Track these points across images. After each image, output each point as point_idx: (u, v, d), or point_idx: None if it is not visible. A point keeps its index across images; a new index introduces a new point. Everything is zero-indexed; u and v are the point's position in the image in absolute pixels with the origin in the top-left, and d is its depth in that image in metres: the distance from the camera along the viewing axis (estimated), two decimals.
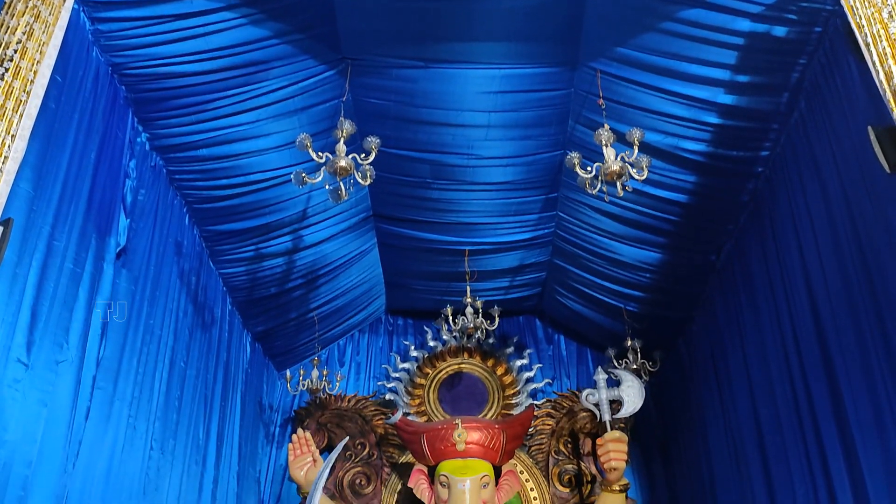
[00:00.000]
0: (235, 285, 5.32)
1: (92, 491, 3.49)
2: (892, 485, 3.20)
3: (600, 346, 6.15)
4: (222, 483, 5.04)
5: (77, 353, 3.36)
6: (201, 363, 4.79)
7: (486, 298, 5.58)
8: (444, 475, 4.86)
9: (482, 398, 5.99)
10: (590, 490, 5.53)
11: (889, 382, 3.25)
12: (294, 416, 6.08)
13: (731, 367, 4.90)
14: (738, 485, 4.79)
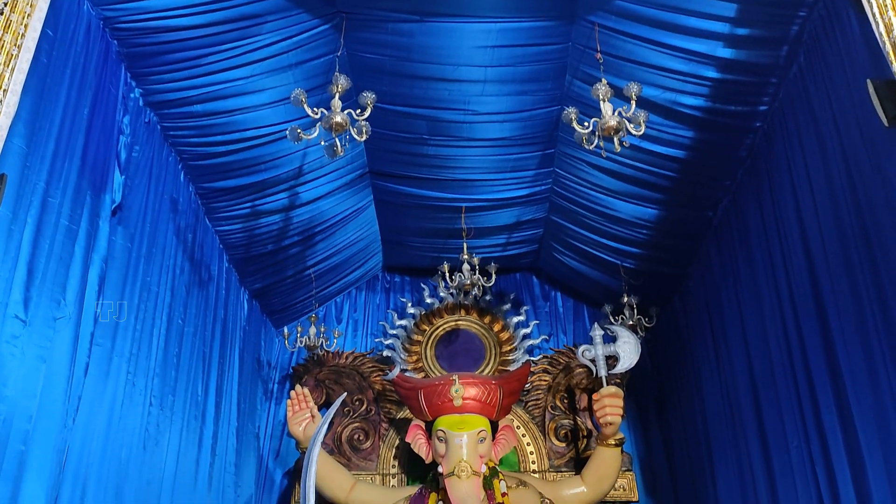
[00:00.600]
0: (232, 243, 5.31)
1: (92, 445, 3.53)
2: (883, 436, 3.24)
3: (597, 302, 6.17)
4: (222, 438, 5.09)
5: (74, 309, 3.36)
6: (199, 320, 4.81)
7: (482, 255, 5.58)
8: (442, 430, 4.90)
9: (479, 354, 6.03)
10: (586, 444, 5.60)
11: (883, 335, 3.28)
12: (292, 373, 6.12)
13: (727, 322, 4.93)
14: (732, 438, 4.85)
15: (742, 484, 4.66)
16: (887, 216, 3.21)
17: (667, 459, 6.04)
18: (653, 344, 6.24)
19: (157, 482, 4.15)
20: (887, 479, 3.21)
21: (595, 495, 5.16)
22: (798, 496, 3.95)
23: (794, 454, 4.00)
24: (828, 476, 3.66)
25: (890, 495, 3.19)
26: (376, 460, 5.64)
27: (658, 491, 5.97)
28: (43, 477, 3.12)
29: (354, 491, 5.14)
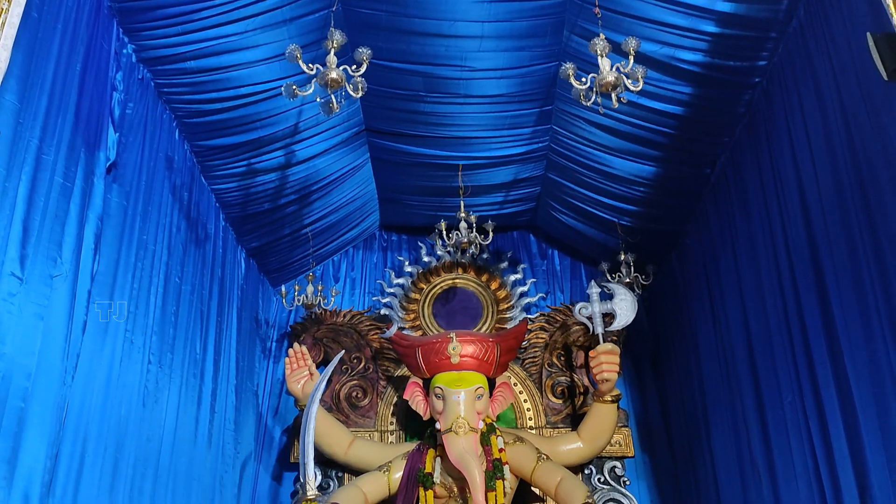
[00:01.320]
0: (228, 201, 5.29)
1: (92, 402, 3.55)
2: (876, 391, 3.27)
3: (594, 260, 6.18)
4: (221, 396, 5.12)
5: (71, 267, 3.36)
6: (196, 279, 4.81)
7: (480, 213, 5.57)
8: (439, 387, 4.94)
9: (476, 312, 6.05)
10: (582, 401, 5.64)
11: (879, 292, 3.29)
12: (290, 332, 6.14)
13: (724, 279, 4.94)
14: (727, 393, 4.88)
15: (737, 438, 4.71)
16: (884, 171, 3.20)
17: (662, 415, 6.10)
18: (649, 301, 6.26)
19: (157, 439, 4.19)
20: (881, 434, 3.25)
21: (591, 451, 5.23)
22: (792, 450, 3.99)
23: (788, 409, 4.04)
24: (821, 431, 3.70)
25: (882, 448, 3.23)
26: (374, 417, 5.69)
27: (653, 446, 6.04)
28: (43, 433, 3.14)
29: (353, 447, 5.21)
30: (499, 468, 4.80)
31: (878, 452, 3.24)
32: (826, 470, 3.66)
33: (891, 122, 3.11)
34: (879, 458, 3.24)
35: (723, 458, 4.96)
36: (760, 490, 4.37)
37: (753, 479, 4.47)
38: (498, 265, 6.20)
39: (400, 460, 5.03)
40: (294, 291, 5.78)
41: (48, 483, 3.18)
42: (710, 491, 5.16)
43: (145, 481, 4.00)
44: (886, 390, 3.19)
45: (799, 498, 3.92)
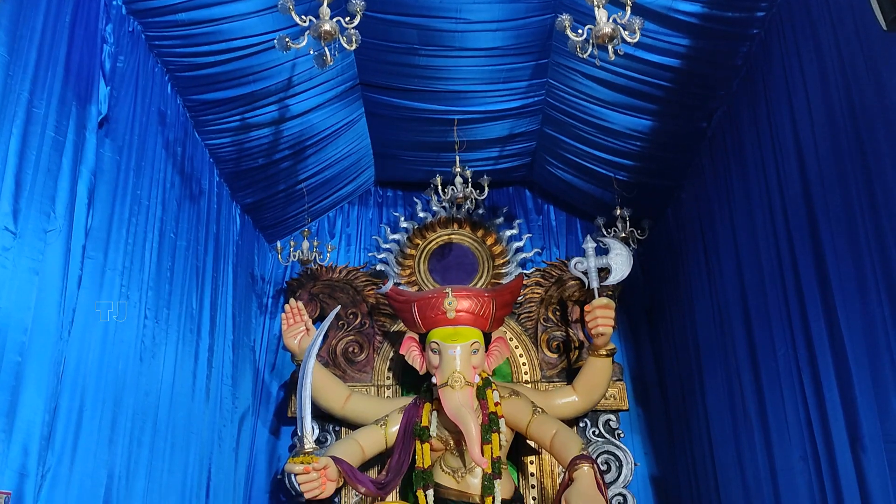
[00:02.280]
0: (222, 156, 5.26)
1: (89, 357, 3.57)
2: (870, 344, 3.30)
3: (590, 215, 6.17)
4: (218, 351, 5.14)
5: (65, 222, 3.35)
6: (191, 234, 4.80)
7: (475, 168, 5.54)
8: (435, 342, 4.96)
9: (472, 268, 6.05)
10: (577, 355, 5.68)
11: (873, 244, 3.30)
12: (286, 288, 6.15)
13: (719, 233, 4.95)
14: (721, 347, 4.92)
15: (730, 391, 4.76)
16: (881, 122, 3.19)
17: (657, 369, 6.16)
18: (645, 256, 6.27)
19: (155, 393, 4.22)
20: (872, 385, 3.28)
21: (586, 404, 5.28)
22: (784, 402, 4.04)
23: (781, 361, 4.08)
24: (814, 382, 3.74)
25: (874, 399, 3.27)
26: (371, 372, 5.73)
27: (648, 400, 6.10)
28: (41, 387, 3.16)
29: (350, 402, 5.25)
30: (494, 421, 4.85)
31: (870, 403, 3.28)
32: (818, 421, 3.70)
33: (889, 74, 3.09)
34: (871, 410, 3.28)
35: (716, 410, 5.02)
36: (752, 441, 4.43)
37: (746, 430, 4.52)
38: (494, 221, 6.19)
39: (396, 414, 5.07)
40: (290, 247, 5.78)
41: (47, 436, 3.21)
42: (703, 442, 5.23)
43: (144, 434, 4.04)
44: (879, 342, 3.21)
45: (790, 448, 3.98)
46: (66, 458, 3.36)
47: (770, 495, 4.22)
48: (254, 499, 5.68)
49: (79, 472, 3.43)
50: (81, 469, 3.45)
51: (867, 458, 3.31)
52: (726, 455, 4.85)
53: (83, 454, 3.47)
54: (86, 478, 3.47)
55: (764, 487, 4.29)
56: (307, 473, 4.28)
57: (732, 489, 4.75)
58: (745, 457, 4.57)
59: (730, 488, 4.79)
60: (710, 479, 5.11)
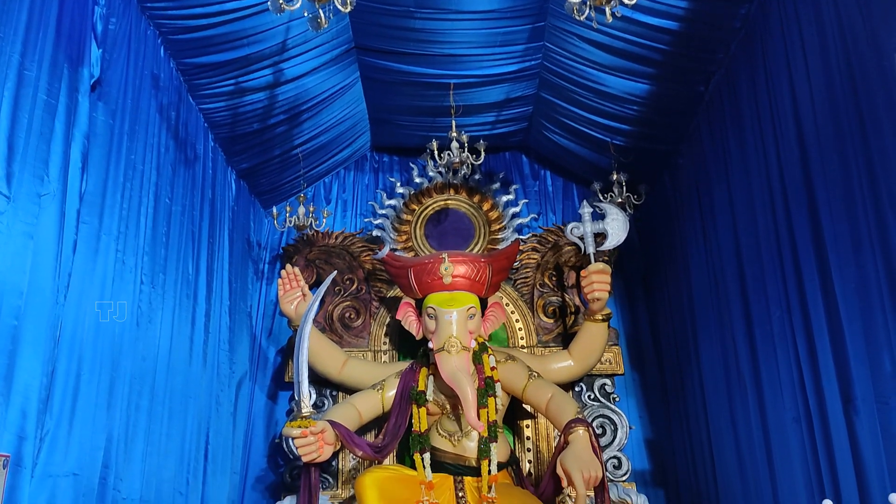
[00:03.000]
0: (216, 121, 5.22)
1: (85, 321, 3.57)
2: (864, 306, 3.32)
3: (586, 180, 6.15)
4: (214, 317, 5.15)
5: (59, 186, 3.34)
6: (186, 200, 4.78)
7: (472, 133, 5.50)
8: (432, 307, 4.96)
9: (468, 233, 6.05)
10: (573, 321, 5.70)
11: (870, 209, 3.30)
12: (282, 253, 6.14)
13: (715, 198, 4.94)
14: (716, 311, 4.94)
15: (724, 354, 4.79)
16: (880, 86, 3.18)
17: (652, 334, 6.18)
18: (641, 221, 6.27)
19: (153, 358, 4.23)
20: (865, 347, 3.31)
21: (582, 368, 5.31)
22: (778, 364, 4.07)
23: (775, 324, 4.10)
24: (808, 344, 3.77)
25: (867, 361, 3.29)
26: (367, 337, 5.75)
27: (643, 364, 6.14)
28: (38, 351, 3.18)
29: (346, 367, 5.27)
30: (490, 386, 4.86)
31: (863, 365, 3.31)
32: (811, 382, 3.73)
33: (887, 36, 3.07)
34: (863, 371, 3.30)
35: (710, 373, 5.05)
36: (746, 403, 4.46)
37: (740, 392, 4.56)
38: (490, 186, 6.18)
39: (393, 379, 5.09)
40: (285, 213, 5.76)
41: (45, 399, 3.23)
42: (697, 405, 5.27)
43: (142, 398, 4.06)
44: (873, 304, 3.23)
45: (784, 409, 4.02)
46: (65, 421, 3.39)
47: (763, 456, 4.27)
48: (252, 462, 5.73)
49: (77, 435, 3.45)
50: (80, 432, 3.47)
51: (859, 419, 3.34)
52: (720, 418, 4.89)
53: (81, 417, 3.49)
54: (84, 441, 3.50)
55: (757, 449, 4.34)
56: (305, 437, 4.29)
57: (726, 451, 4.80)
58: (738, 419, 4.61)
59: (723, 450, 4.85)
60: (703, 442, 5.16)
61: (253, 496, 5.63)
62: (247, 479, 5.67)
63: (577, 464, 4.11)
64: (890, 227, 3.19)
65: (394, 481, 4.65)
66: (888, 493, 2.73)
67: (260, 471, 5.74)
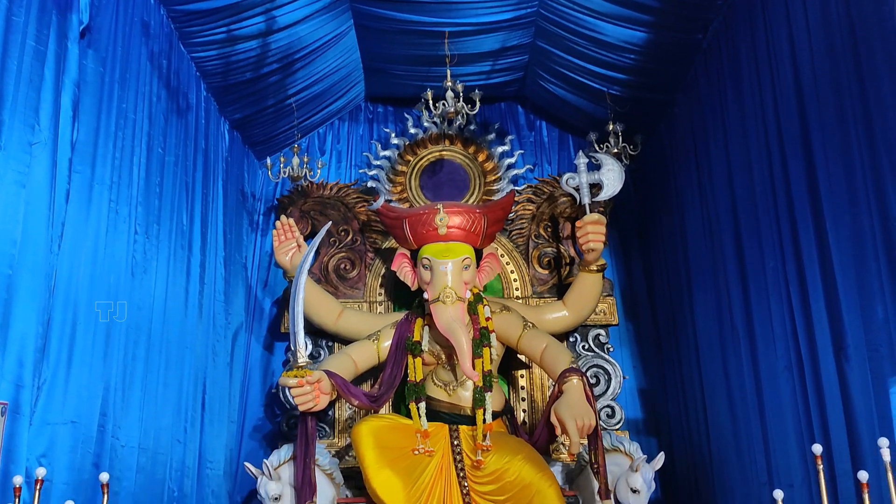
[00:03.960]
0: (209, 70, 5.15)
1: (80, 271, 3.57)
2: (857, 256, 3.33)
3: (582, 131, 6.10)
4: (209, 268, 5.14)
5: (50, 135, 3.30)
6: (179, 150, 4.73)
7: (467, 83, 5.44)
8: (427, 258, 4.96)
9: (463, 184, 6.02)
10: (568, 271, 5.70)
11: (866, 160, 3.30)
12: (277, 205, 6.11)
13: (711, 148, 4.92)
14: (711, 262, 4.96)
15: (718, 305, 4.82)
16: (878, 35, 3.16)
17: (647, 284, 6.21)
18: (637, 172, 6.24)
19: (148, 308, 4.24)
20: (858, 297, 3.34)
21: (576, 319, 5.33)
22: (771, 314, 4.09)
23: (769, 274, 4.11)
24: (801, 294, 3.79)
25: (859, 310, 3.32)
26: (363, 289, 5.76)
27: (637, 315, 6.18)
28: (33, 300, 3.19)
29: (342, 317, 5.29)
30: (486, 336, 4.89)
31: (855, 313, 3.33)
32: (803, 331, 3.77)
33: None
34: (856, 319, 3.33)
35: (704, 324, 5.09)
36: (739, 352, 4.50)
37: (733, 342, 4.60)
38: (485, 137, 6.13)
39: (389, 329, 5.12)
40: (279, 164, 5.71)
41: (41, 348, 3.24)
42: (690, 355, 5.32)
43: (139, 348, 4.08)
44: (867, 253, 3.25)
45: (776, 358, 4.05)
46: (62, 369, 3.41)
47: (754, 405, 4.32)
48: (249, 412, 5.78)
49: (75, 383, 3.48)
50: (77, 381, 3.50)
51: (850, 368, 3.38)
52: (713, 367, 4.94)
53: (78, 367, 3.51)
54: (82, 389, 3.53)
55: (749, 397, 4.39)
56: (301, 387, 4.33)
57: (718, 400, 4.86)
58: (731, 368, 4.65)
59: (715, 399, 4.90)
60: (696, 391, 5.22)
61: (250, 445, 5.69)
62: (244, 428, 5.72)
63: (571, 412, 4.16)
64: (885, 177, 3.19)
65: (390, 430, 4.71)
66: (877, 438, 2.76)
67: (257, 420, 5.80)
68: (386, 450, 4.56)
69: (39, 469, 2.79)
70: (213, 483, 4.97)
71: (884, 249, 3.13)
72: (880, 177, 3.22)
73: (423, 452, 4.60)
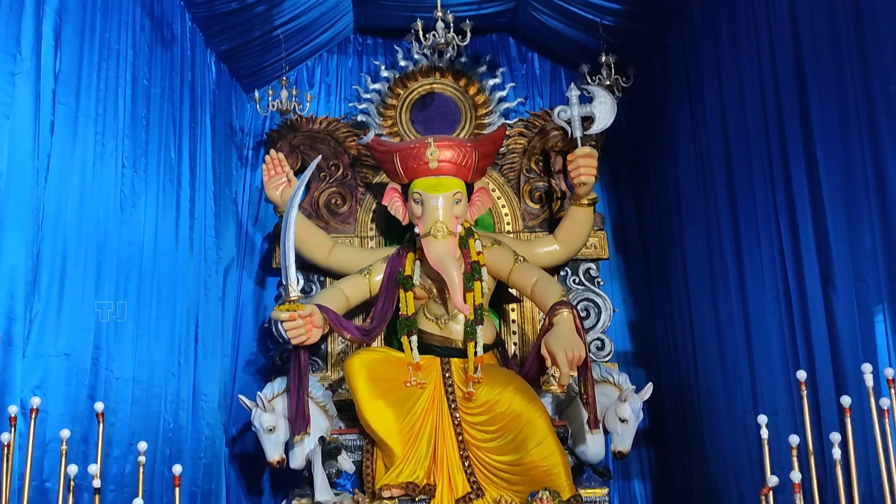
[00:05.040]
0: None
1: (68, 205, 3.54)
2: (847, 184, 3.35)
3: (574, 63, 6.01)
4: (199, 203, 5.11)
5: (32, 64, 3.24)
6: (165, 82, 4.65)
7: (457, 13, 5.33)
8: (418, 192, 4.95)
9: (454, 118, 5.96)
10: (559, 206, 5.70)
11: (859, 89, 3.28)
12: (266, 139, 6.04)
13: (705, 80, 4.87)
14: (701, 196, 4.96)
15: (708, 237, 4.83)
16: None
17: (637, 218, 6.21)
18: (629, 105, 6.18)
19: (139, 242, 4.22)
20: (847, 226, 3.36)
21: (567, 252, 5.36)
22: (760, 244, 4.12)
23: (759, 206, 4.12)
24: (790, 224, 3.81)
25: (847, 240, 3.34)
26: (354, 224, 5.75)
27: (628, 249, 6.19)
28: (22, 233, 3.18)
29: (333, 252, 5.29)
30: (477, 270, 4.92)
31: (843, 243, 3.36)
32: (792, 262, 3.79)
33: None
34: (843, 249, 3.36)
35: (694, 256, 5.11)
36: (728, 284, 4.54)
37: (722, 274, 4.63)
38: (476, 69, 6.04)
39: (380, 264, 5.13)
40: (268, 97, 5.64)
41: (32, 281, 3.24)
42: (680, 288, 5.35)
43: (130, 282, 4.08)
44: (857, 183, 3.25)
45: (764, 290, 4.09)
46: (53, 303, 3.41)
47: (742, 336, 4.38)
48: (242, 346, 5.82)
49: (67, 316, 3.49)
50: (69, 314, 3.51)
51: (837, 297, 3.42)
52: (702, 299, 4.98)
53: (70, 300, 3.52)
54: (74, 322, 3.54)
55: (736, 329, 4.44)
56: (293, 321, 4.37)
57: (706, 331, 4.91)
58: (719, 300, 4.69)
59: (704, 330, 4.96)
60: (685, 323, 5.27)
61: (244, 378, 5.75)
62: (237, 362, 5.77)
63: (561, 344, 4.21)
64: (878, 106, 3.18)
65: (382, 363, 4.77)
66: (860, 364, 2.81)
67: (250, 354, 5.84)
68: (378, 382, 4.62)
69: (34, 398, 2.82)
70: (208, 415, 5.04)
71: (874, 179, 3.14)
72: (873, 106, 3.21)
73: (415, 385, 4.66)
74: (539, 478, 4.29)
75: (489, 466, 4.45)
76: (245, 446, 5.53)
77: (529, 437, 4.35)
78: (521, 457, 4.35)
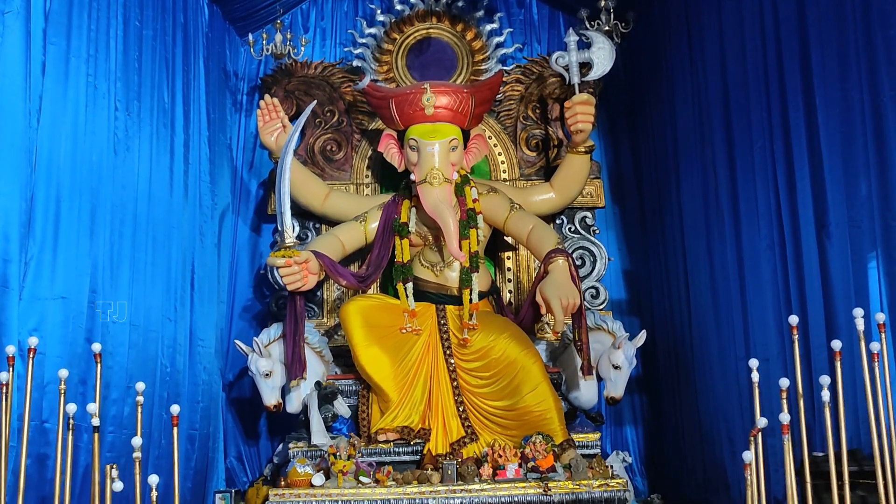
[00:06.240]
0: None
1: (61, 147, 3.52)
2: (845, 131, 3.34)
3: (573, 8, 5.92)
4: (193, 148, 5.06)
5: (22, 2, 3.19)
6: (157, 23, 4.57)
7: None
8: (414, 139, 4.92)
9: (451, 64, 5.89)
10: (556, 154, 5.68)
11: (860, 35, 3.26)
12: (260, 84, 5.97)
13: (705, 26, 4.81)
14: (699, 144, 4.93)
15: (704, 186, 4.82)
16: None
17: (634, 167, 6.18)
18: (628, 52, 6.10)
19: (133, 186, 4.21)
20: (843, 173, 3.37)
21: (563, 201, 5.35)
22: (757, 193, 4.11)
23: (757, 154, 4.11)
24: (787, 172, 3.81)
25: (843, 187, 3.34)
26: (349, 170, 5.72)
27: (624, 197, 6.18)
28: (15, 175, 3.17)
29: (329, 199, 5.28)
30: (472, 217, 4.92)
31: (839, 190, 3.36)
32: (787, 210, 3.80)
33: None
34: (839, 196, 3.36)
35: (690, 205, 5.10)
36: (723, 232, 4.54)
37: (717, 222, 4.63)
38: (473, 14, 5.95)
39: (376, 211, 5.12)
40: (262, 40, 5.55)
41: (26, 223, 3.24)
42: (675, 237, 5.36)
43: (125, 227, 4.07)
44: (855, 130, 3.24)
45: (759, 238, 4.10)
46: (49, 246, 3.41)
47: (736, 284, 4.40)
48: (238, 293, 5.83)
49: (62, 260, 3.49)
50: (65, 258, 3.51)
51: (831, 244, 3.43)
52: (697, 248, 4.99)
53: (65, 243, 3.52)
54: (70, 266, 3.54)
55: (731, 275, 4.46)
56: (289, 266, 4.38)
57: (700, 280, 4.93)
58: (714, 248, 4.70)
59: (698, 279, 4.97)
60: (679, 272, 5.29)
61: (240, 325, 5.77)
62: (234, 308, 5.79)
63: (556, 291, 4.23)
64: (878, 52, 3.16)
65: (378, 309, 4.79)
66: (852, 309, 2.83)
67: (246, 301, 5.86)
68: (374, 328, 4.66)
69: (31, 338, 2.84)
70: (205, 360, 5.07)
71: (872, 125, 3.13)
72: (873, 52, 3.18)
73: (410, 331, 4.70)
74: (533, 423, 4.36)
75: (483, 411, 4.50)
76: (242, 391, 5.58)
77: (524, 383, 4.39)
78: (516, 402, 4.40)
